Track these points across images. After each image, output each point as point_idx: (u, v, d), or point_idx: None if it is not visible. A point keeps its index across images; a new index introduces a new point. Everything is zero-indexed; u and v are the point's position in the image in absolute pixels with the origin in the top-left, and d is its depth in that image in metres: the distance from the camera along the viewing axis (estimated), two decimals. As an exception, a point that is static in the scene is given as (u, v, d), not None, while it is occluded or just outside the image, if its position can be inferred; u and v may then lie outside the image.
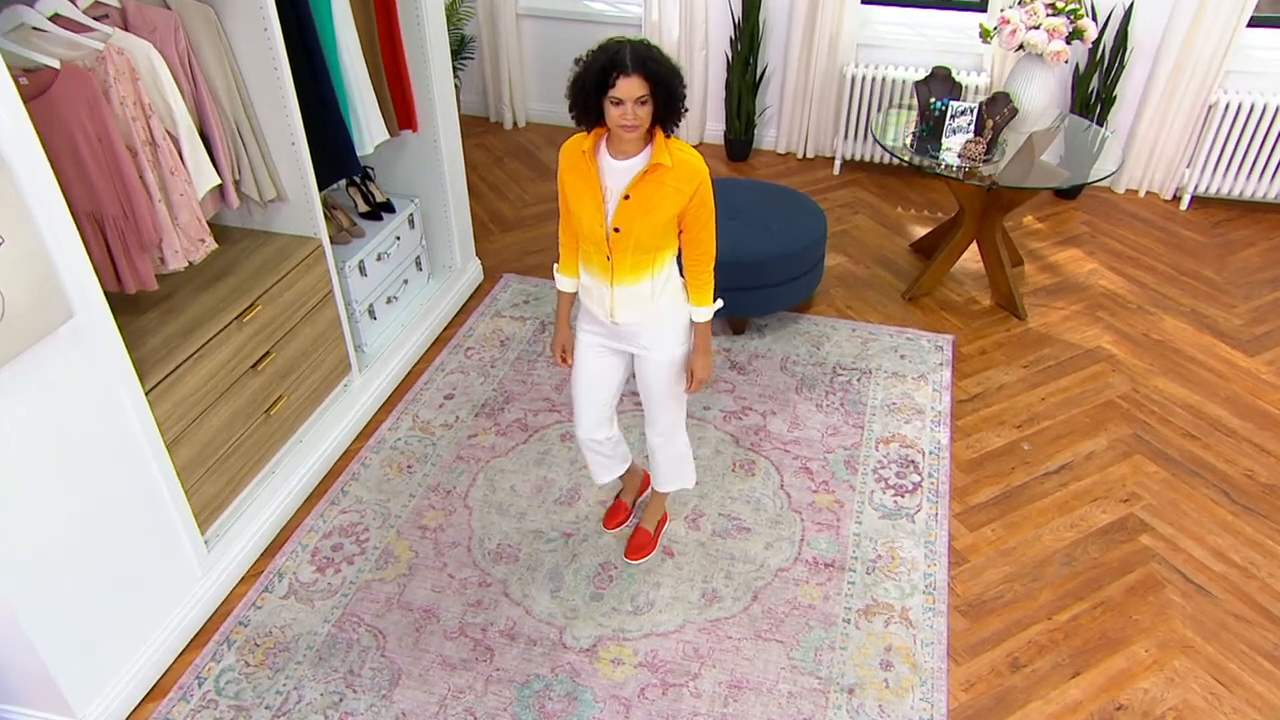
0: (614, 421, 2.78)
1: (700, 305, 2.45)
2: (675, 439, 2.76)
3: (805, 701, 2.59)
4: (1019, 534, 3.10)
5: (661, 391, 2.61)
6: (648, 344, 2.50)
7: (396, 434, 3.47)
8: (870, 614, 2.83)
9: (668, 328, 2.48)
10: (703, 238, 2.35)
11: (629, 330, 2.48)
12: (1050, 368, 3.82)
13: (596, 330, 2.56)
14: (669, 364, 2.54)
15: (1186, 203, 4.91)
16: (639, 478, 3.12)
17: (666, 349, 2.51)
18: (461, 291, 4.12)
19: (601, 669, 2.67)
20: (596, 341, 2.58)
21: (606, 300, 2.43)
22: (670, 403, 2.65)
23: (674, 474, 2.87)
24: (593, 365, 2.61)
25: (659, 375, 2.56)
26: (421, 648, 2.72)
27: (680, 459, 2.83)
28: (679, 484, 2.91)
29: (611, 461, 2.88)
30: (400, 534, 3.07)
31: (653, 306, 2.42)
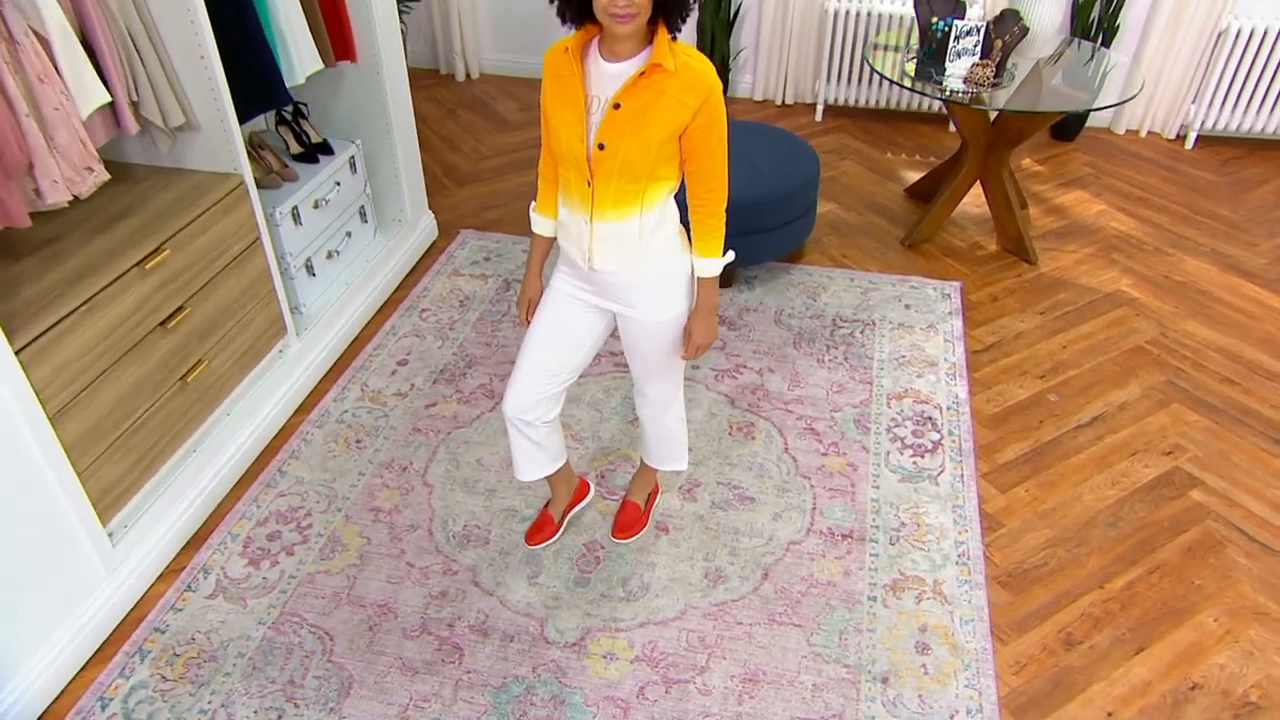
0: (558, 403, 2.25)
1: (706, 256, 2.00)
2: (667, 414, 2.34)
3: (833, 694, 2.20)
4: (1056, 494, 2.74)
5: (650, 359, 2.17)
6: (633, 300, 2.05)
7: (343, 405, 3.02)
8: (899, 590, 2.45)
9: (658, 282, 2.03)
10: (710, 168, 1.90)
11: (609, 282, 2.03)
12: (1069, 313, 3.47)
13: (573, 278, 2.12)
14: (658, 327, 2.09)
15: (1192, 141, 4.60)
16: (571, 486, 2.57)
17: (655, 309, 2.06)
18: (413, 248, 3.67)
19: (592, 666, 2.26)
20: (570, 291, 2.13)
21: (584, 239, 1.98)
22: (661, 372, 2.22)
23: (663, 452, 2.46)
24: (559, 314, 2.14)
25: (646, 340, 2.12)
26: (376, 650, 2.29)
27: (671, 437, 2.41)
28: (669, 465, 2.49)
29: (540, 453, 2.31)
30: (349, 518, 2.63)
31: (640, 252, 1.97)
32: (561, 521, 2.59)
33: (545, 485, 2.70)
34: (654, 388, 2.26)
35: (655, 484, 2.65)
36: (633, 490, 2.62)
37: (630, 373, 2.28)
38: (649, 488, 2.62)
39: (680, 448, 2.45)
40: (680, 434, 2.42)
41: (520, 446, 2.30)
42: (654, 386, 2.26)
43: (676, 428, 2.39)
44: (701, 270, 2.02)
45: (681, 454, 2.47)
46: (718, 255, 2.00)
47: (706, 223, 1.97)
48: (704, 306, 2.06)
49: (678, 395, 2.31)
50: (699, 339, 2.08)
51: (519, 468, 2.35)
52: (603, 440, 2.90)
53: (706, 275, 2.02)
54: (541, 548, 2.55)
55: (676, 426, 2.39)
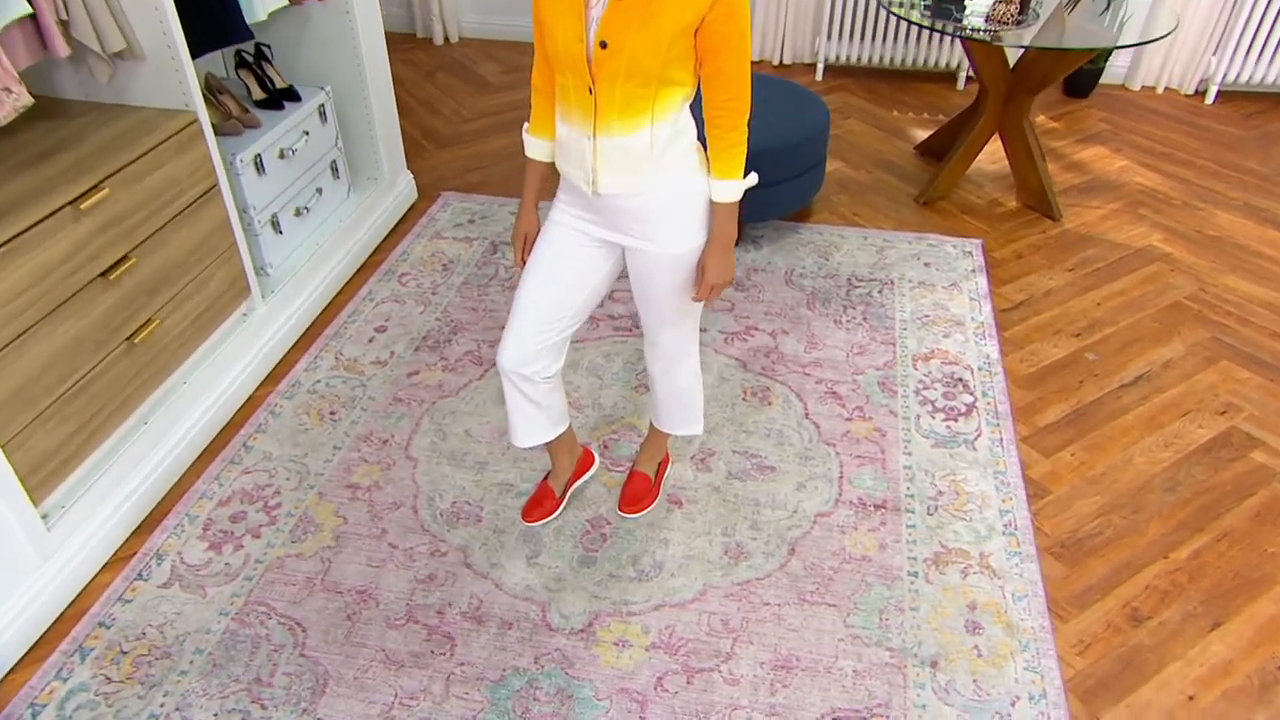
0: (560, 355, 1.98)
1: (724, 177, 1.71)
2: (681, 368, 2.06)
3: (876, 680, 1.94)
4: (1105, 457, 2.49)
5: (664, 301, 1.89)
6: (644, 231, 1.77)
7: (315, 375, 2.73)
8: (941, 564, 2.19)
9: (673, 208, 1.75)
10: (730, 70, 1.62)
11: (616, 209, 1.76)
12: (1099, 270, 3.23)
13: (574, 208, 1.84)
14: (673, 263, 1.81)
15: (1213, 96, 4.37)
16: (574, 456, 2.32)
17: (669, 240, 1.78)
18: (391, 209, 3.37)
19: (602, 654, 1.99)
20: (571, 223, 1.85)
21: (587, 158, 1.70)
22: (676, 317, 1.93)
23: (676, 414, 2.18)
24: (558, 249, 1.86)
25: (659, 278, 1.84)
26: (356, 642, 2.00)
27: (686, 396, 2.13)
28: (683, 429, 2.22)
29: (540, 415, 2.05)
30: (323, 496, 2.35)
31: (651, 172, 1.69)
32: (563, 496, 2.31)
33: (544, 456, 2.43)
34: (668, 336, 1.98)
35: (665, 453, 2.37)
36: (641, 460, 2.35)
37: (640, 320, 2.00)
38: (659, 456, 2.35)
39: (695, 409, 2.18)
40: (695, 392, 2.15)
41: (518, 407, 2.03)
42: (668, 335, 1.98)
43: (691, 385, 2.12)
44: (719, 194, 1.73)
45: (696, 416, 2.20)
46: (738, 176, 1.71)
47: (726, 137, 1.68)
48: (719, 239, 1.78)
49: (693, 346, 2.04)
50: (713, 276, 1.80)
51: (516, 432, 2.08)
52: (604, 409, 2.62)
53: (724, 201, 1.74)
54: (540, 524, 2.28)
55: (691, 383, 2.11)
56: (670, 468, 2.41)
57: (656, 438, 2.32)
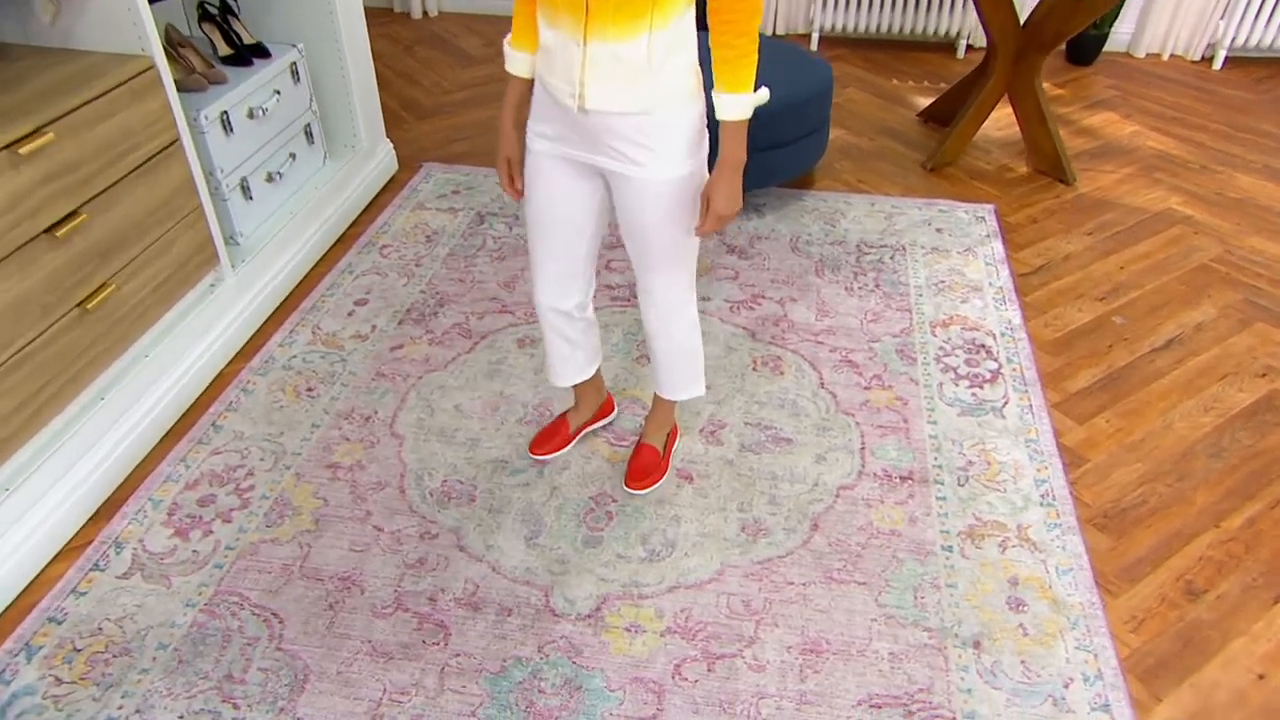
0: (590, 285, 1.90)
1: (731, 90, 1.51)
2: (678, 319, 1.88)
3: (916, 663, 1.76)
4: (1143, 423, 2.33)
5: (655, 236, 1.69)
6: (634, 153, 1.58)
7: (290, 350, 2.53)
8: (977, 537, 2.02)
9: (668, 127, 1.56)
10: None
11: (605, 128, 1.57)
12: (1119, 233, 3.07)
13: (555, 132, 1.65)
14: (666, 190, 1.61)
15: (1220, 62, 4.23)
16: (600, 398, 2.23)
17: (662, 164, 1.58)
18: (370, 180, 3.17)
19: (613, 641, 1.80)
20: (555, 152, 1.67)
21: (575, 68, 1.51)
22: (669, 258, 1.75)
23: (680, 375, 2.00)
24: (547, 193, 1.72)
25: (651, 209, 1.64)
26: (339, 633, 1.80)
27: (684, 353, 1.96)
28: (685, 392, 2.04)
29: (577, 354, 2.01)
30: (301, 477, 2.14)
31: (647, 87, 1.51)
32: (575, 434, 2.20)
33: (537, 431, 2.24)
34: (661, 281, 1.79)
35: (673, 423, 2.19)
36: (647, 432, 2.16)
37: (632, 266, 1.81)
38: (666, 427, 2.16)
39: (695, 366, 2.00)
40: (694, 348, 1.96)
41: (555, 347, 1.99)
42: (661, 280, 1.79)
43: (689, 340, 1.94)
44: (725, 111, 1.52)
45: (697, 374, 2.02)
46: (747, 90, 1.51)
47: (734, 45, 1.47)
48: (727, 163, 1.57)
49: (690, 294, 1.85)
50: (720, 206, 1.59)
51: (554, 372, 2.05)
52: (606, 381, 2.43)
53: (731, 118, 1.53)
54: (549, 458, 2.17)
55: (689, 338, 1.93)
56: (679, 440, 2.23)
57: (662, 407, 2.13)
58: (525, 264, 2.87)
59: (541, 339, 2.15)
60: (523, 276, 2.81)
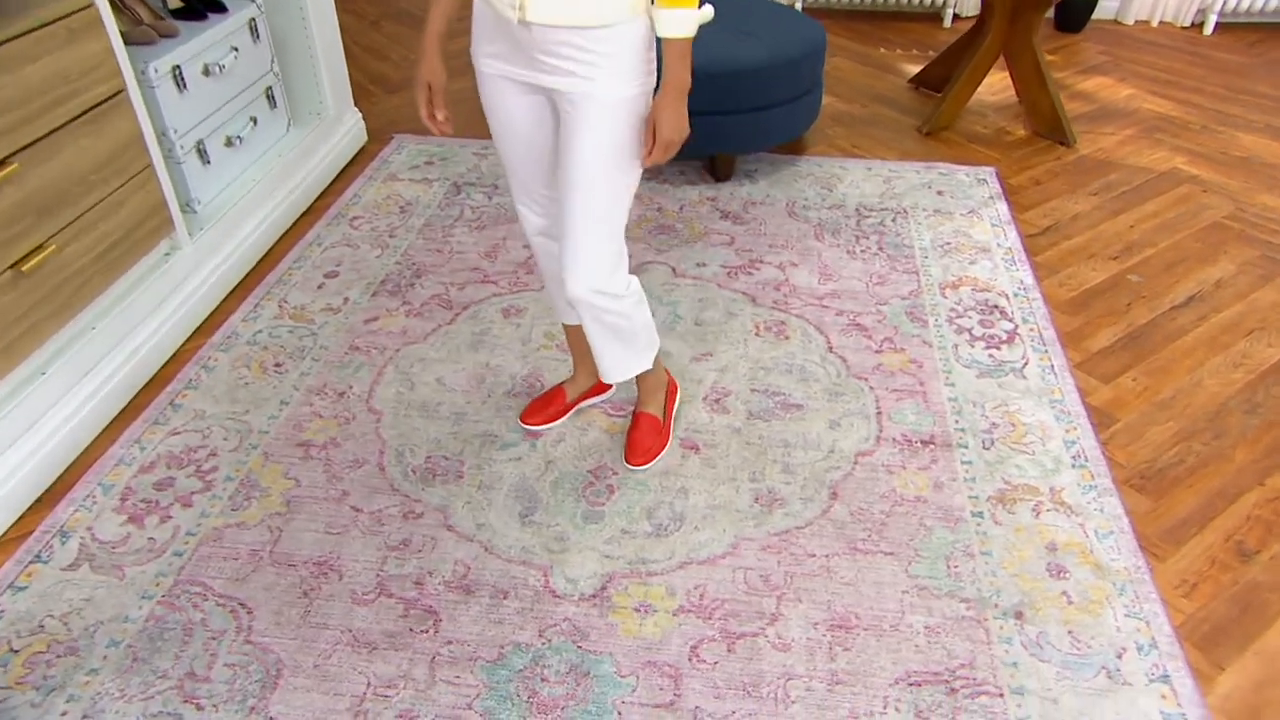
0: None
1: (674, 5, 1.37)
2: (609, 281, 1.62)
3: (955, 636, 1.60)
4: (1171, 381, 2.19)
5: (597, 165, 1.50)
6: (578, 71, 1.42)
7: (255, 325, 2.33)
8: (1008, 502, 1.86)
9: (615, 41, 1.41)
10: None
11: (548, 42, 1.42)
12: (1126, 193, 2.95)
13: (498, 51, 1.50)
14: (614, 111, 1.46)
15: (1211, 27, 4.15)
16: None
17: (612, 81, 1.43)
18: (338, 150, 2.98)
19: (621, 623, 1.62)
20: (502, 72, 1.52)
21: None
22: (607, 195, 1.54)
23: (619, 350, 1.75)
24: (509, 109, 1.57)
25: (597, 129, 1.47)
26: (315, 623, 1.61)
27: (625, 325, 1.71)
28: (631, 365, 1.80)
29: None
30: (269, 457, 1.95)
31: None
32: (571, 405, 2.03)
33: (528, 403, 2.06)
34: (592, 234, 1.55)
35: (667, 381, 2.01)
36: (641, 399, 1.98)
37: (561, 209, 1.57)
38: (660, 389, 1.98)
39: (640, 338, 1.77)
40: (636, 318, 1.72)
41: (552, 274, 1.85)
42: (591, 233, 1.55)
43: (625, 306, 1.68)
44: (666, 27, 1.39)
45: (645, 343, 1.79)
46: (691, 4, 1.38)
47: None
48: (671, 86, 1.43)
49: (618, 241, 1.60)
50: (668, 131, 1.45)
51: (557, 306, 1.94)
52: (597, 349, 2.26)
53: (675, 35, 1.40)
54: (541, 429, 2.00)
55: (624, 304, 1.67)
56: (679, 403, 2.05)
57: (648, 379, 1.93)
58: (507, 233, 2.69)
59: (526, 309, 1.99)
60: (505, 245, 2.63)
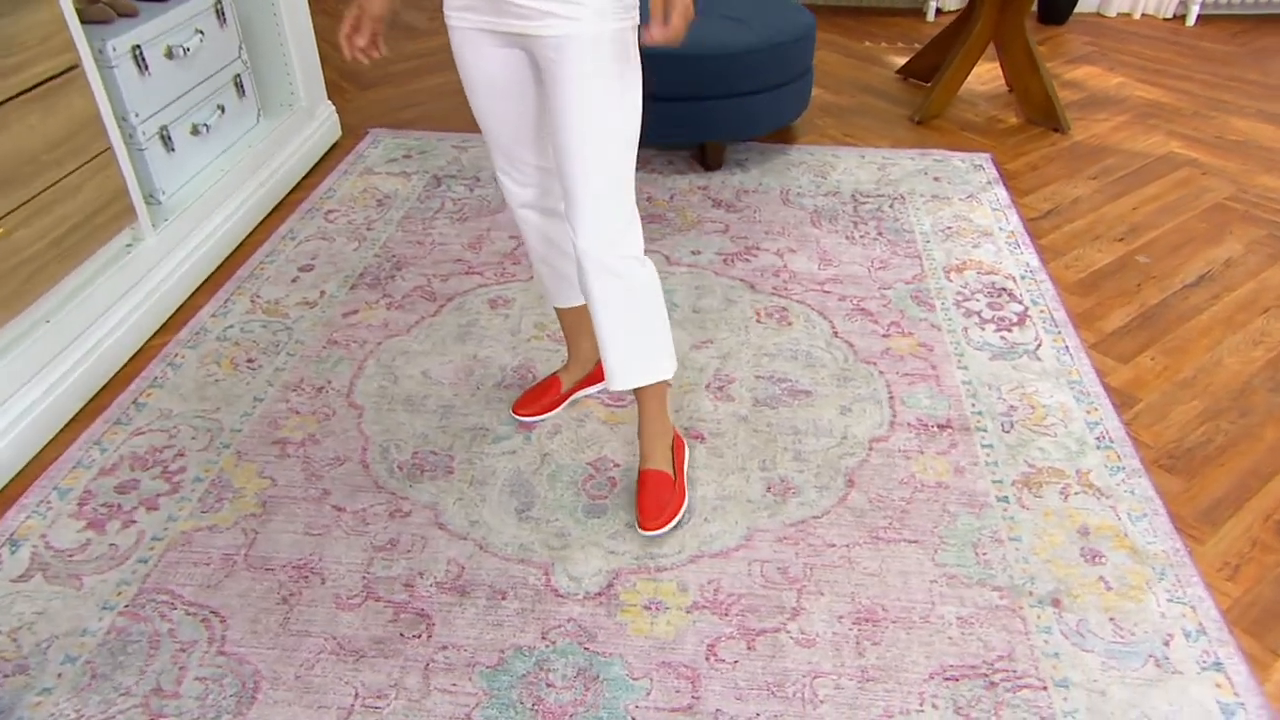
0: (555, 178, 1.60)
1: None
2: (624, 239, 1.45)
3: (990, 627, 1.49)
4: (1190, 360, 2.11)
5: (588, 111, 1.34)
6: (564, 8, 1.28)
7: (225, 321, 2.19)
8: (1034, 486, 1.76)
9: None
10: None
11: None
12: (1125, 177, 2.88)
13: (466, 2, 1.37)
14: (600, 48, 1.31)
15: (1194, 18, 4.12)
16: (597, 354, 1.88)
17: (596, 16, 1.30)
18: (311, 143, 2.85)
19: (630, 622, 1.50)
20: (476, 24, 1.38)
21: None
22: (601, 136, 1.37)
23: (631, 345, 1.54)
24: (482, 62, 1.43)
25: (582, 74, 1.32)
26: (296, 630, 1.47)
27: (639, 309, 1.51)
28: (642, 367, 1.58)
29: (565, 263, 1.71)
30: (242, 456, 1.81)
31: None
32: (567, 395, 1.91)
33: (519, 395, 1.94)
34: (596, 185, 1.39)
35: (672, 431, 1.73)
36: (644, 453, 1.69)
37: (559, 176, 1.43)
38: (665, 437, 1.71)
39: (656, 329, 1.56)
40: (650, 290, 1.51)
41: (538, 253, 1.73)
42: (596, 184, 1.39)
43: (639, 278, 1.48)
44: None
45: (662, 343, 1.58)
46: None
47: None
48: None
49: (634, 223, 1.45)
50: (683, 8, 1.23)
51: (545, 288, 1.79)
52: (591, 339, 2.14)
53: None
54: (535, 420, 1.88)
55: (638, 276, 1.48)
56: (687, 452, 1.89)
57: (648, 410, 1.68)
58: (491, 224, 2.57)
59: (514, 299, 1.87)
60: (489, 236, 2.51)
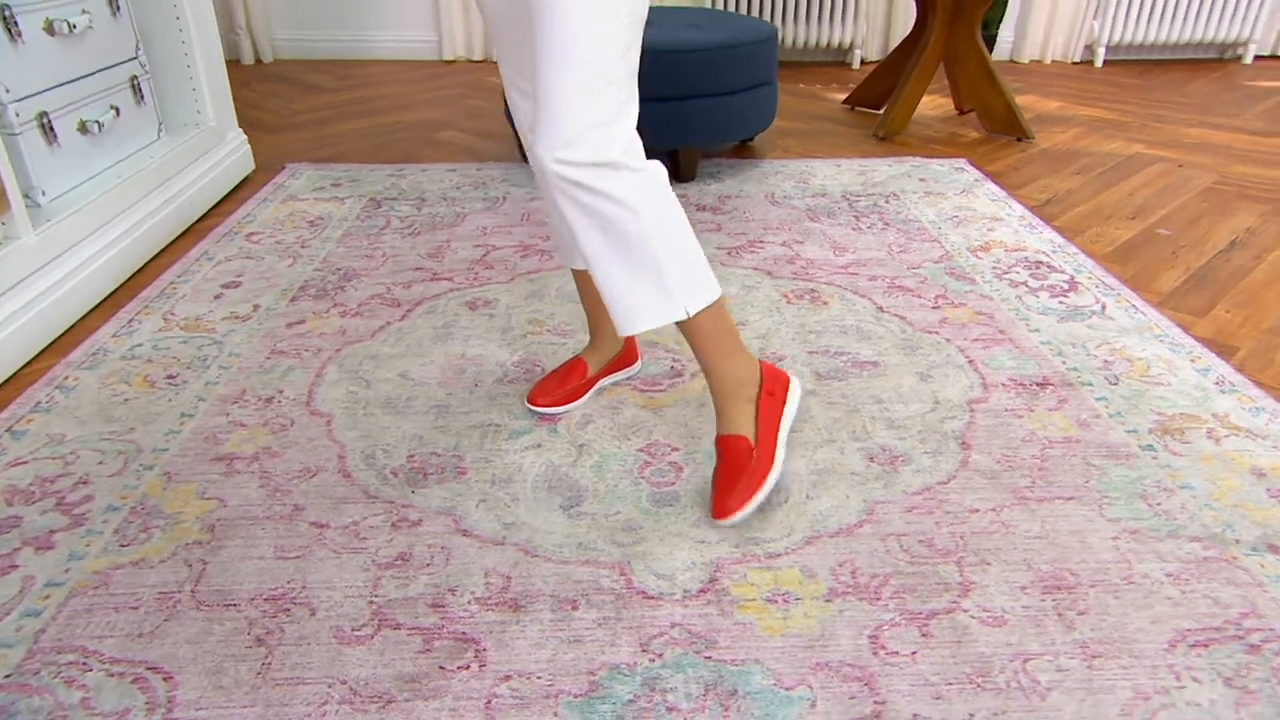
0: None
1: None
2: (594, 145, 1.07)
3: (1212, 582, 1.15)
4: (1269, 310, 1.90)
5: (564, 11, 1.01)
6: None
7: (131, 340, 1.72)
8: (1175, 432, 1.46)
9: None
10: None
11: None
12: (1106, 172, 2.76)
13: None
14: None
15: (1100, 60, 4.22)
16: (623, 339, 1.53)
17: None
18: (223, 171, 2.43)
19: (757, 619, 1.09)
20: None
21: None
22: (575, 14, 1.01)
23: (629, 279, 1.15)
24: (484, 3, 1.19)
25: None
26: (284, 678, 1.00)
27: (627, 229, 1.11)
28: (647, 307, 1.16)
29: None
30: (173, 477, 1.33)
31: None
32: (593, 380, 1.53)
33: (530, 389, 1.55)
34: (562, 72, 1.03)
35: (752, 378, 1.30)
36: (716, 409, 1.30)
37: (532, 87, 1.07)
38: (740, 389, 1.28)
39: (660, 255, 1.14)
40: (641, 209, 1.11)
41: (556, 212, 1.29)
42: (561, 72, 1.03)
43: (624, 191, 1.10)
44: None
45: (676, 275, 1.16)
46: None
47: None
48: None
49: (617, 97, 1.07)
50: None
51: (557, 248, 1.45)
52: (600, 331, 1.77)
53: None
54: (556, 410, 1.49)
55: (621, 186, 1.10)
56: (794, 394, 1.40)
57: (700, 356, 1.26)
58: (451, 236, 2.20)
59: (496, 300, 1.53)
60: (450, 247, 2.14)
